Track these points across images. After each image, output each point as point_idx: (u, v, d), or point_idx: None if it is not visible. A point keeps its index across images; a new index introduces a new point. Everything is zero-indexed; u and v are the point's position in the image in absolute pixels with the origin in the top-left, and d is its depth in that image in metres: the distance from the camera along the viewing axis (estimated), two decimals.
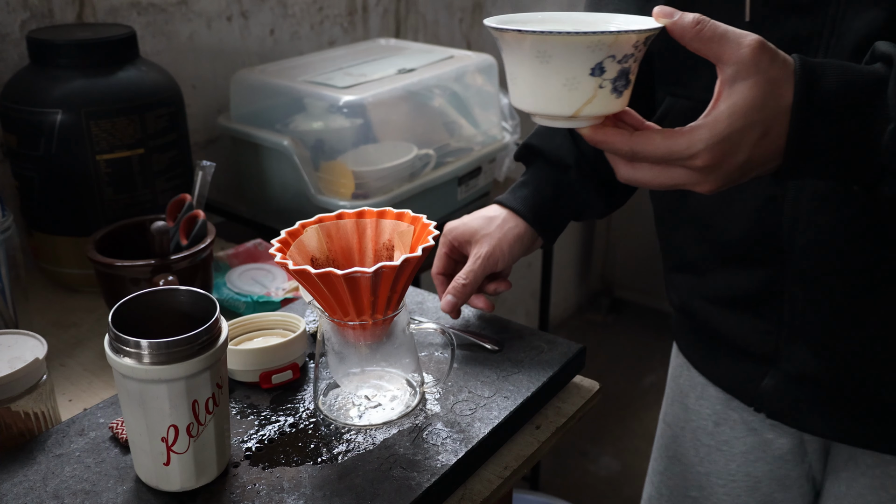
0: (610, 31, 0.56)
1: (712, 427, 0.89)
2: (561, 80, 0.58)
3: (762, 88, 0.56)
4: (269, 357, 0.80)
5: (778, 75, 0.56)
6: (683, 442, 0.93)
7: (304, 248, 0.75)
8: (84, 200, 1.06)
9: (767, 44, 0.56)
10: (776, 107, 0.56)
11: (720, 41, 0.56)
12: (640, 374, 2.52)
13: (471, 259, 0.85)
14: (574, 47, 0.56)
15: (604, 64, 0.57)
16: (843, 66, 0.57)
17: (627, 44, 0.57)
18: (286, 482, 0.68)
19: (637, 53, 0.58)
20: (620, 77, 0.58)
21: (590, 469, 2.17)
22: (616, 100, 0.59)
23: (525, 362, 0.84)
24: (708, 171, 0.58)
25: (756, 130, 0.56)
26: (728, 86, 0.57)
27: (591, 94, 0.58)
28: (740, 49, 0.56)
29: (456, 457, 0.71)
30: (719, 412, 0.88)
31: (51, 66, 1.05)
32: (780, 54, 0.57)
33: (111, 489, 0.67)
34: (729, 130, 0.56)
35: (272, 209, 1.34)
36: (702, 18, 0.57)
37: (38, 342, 0.75)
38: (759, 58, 0.55)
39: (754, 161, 0.58)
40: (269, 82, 1.32)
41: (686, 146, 0.57)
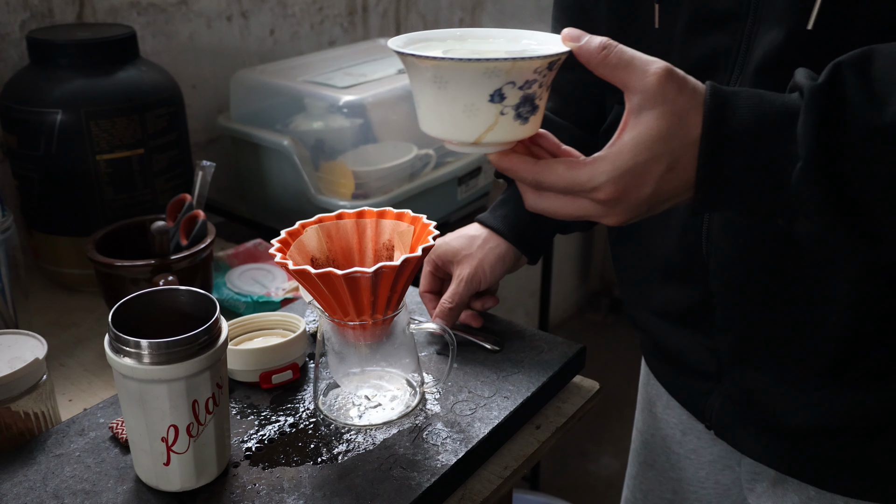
0: (505, 58, 0.54)
1: (680, 436, 0.88)
2: (460, 106, 0.56)
3: (668, 119, 0.53)
4: (269, 357, 0.80)
5: (686, 105, 0.53)
6: (654, 448, 0.92)
7: (304, 248, 0.75)
8: (84, 200, 1.06)
9: (675, 72, 0.53)
10: (684, 138, 0.53)
11: (626, 68, 0.54)
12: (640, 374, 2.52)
13: (454, 281, 0.85)
14: (470, 74, 0.55)
15: (503, 90, 0.55)
16: (758, 97, 0.53)
17: (527, 70, 0.55)
18: (286, 482, 0.68)
19: (543, 79, 0.56)
20: (524, 103, 0.56)
21: (590, 469, 2.17)
22: (522, 126, 0.57)
23: (525, 362, 0.84)
24: (611, 203, 0.55)
25: (662, 163, 0.54)
26: (634, 115, 0.54)
27: (493, 121, 0.56)
28: (646, 77, 0.53)
29: (456, 457, 0.71)
30: (685, 422, 0.87)
31: (51, 66, 1.05)
32: (690, 83, 0.54)
33: (111, 489, 0.67)
34: (632, 163, 0.54)
35: (272, 209, 1.34)
36: (608, 44, 0.54)
37: (38, 342, 0.75)
38: (665, 87, 0.53)
39: (662, 194, 0.55)
40: (269, 82, 1.32)
41: (588, 178, 0.55)
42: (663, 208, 0.57)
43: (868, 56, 0.50)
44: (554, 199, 0.58)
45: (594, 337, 2.75)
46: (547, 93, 0.58)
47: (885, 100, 0.49)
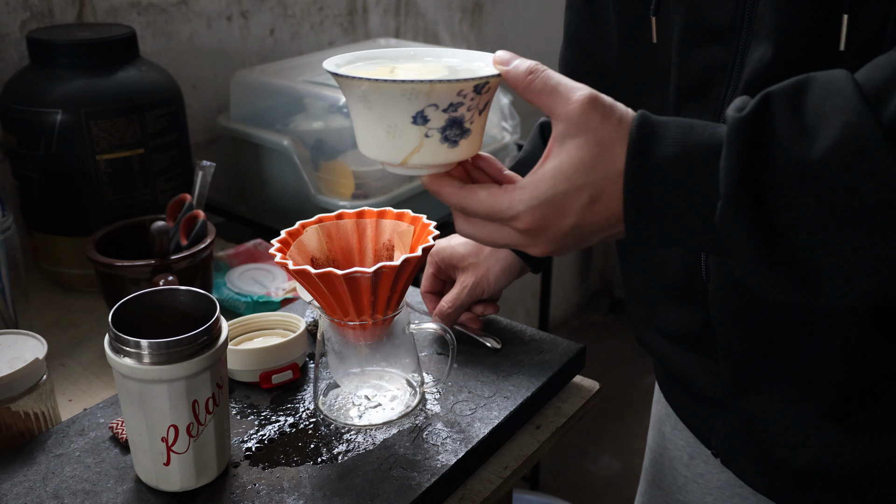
0: (422, 80, 0.53)
1: (687, 459, 0.86)
2: (384, 126, 0.56)
3: (591, 149, 0.51)
4: (269, 357, 0.80)
5: (610, 136, 0.51)
6: (662, 468, 0.91)
7: (304, 248, 0.75)
8: (84, 200, 1.06)
9: (600, 100, 0.52)
10: (607, 169, 0.51)
11: (551, 94, 0.52)
12: (640, 374, 2.52)
13: (457, 286, 0.85)
14: (390, 94, 0.54)
15: (426, 112, 0.54)
16: (688, 128, 0.50)
17: (448, 93, 0.54)
18: (286, 482, 0.68)
19: (471, 102, 0.55)
20: (451, 126, 0.55)
21: (590, 469, 2.17)
22: (451, 150, 0.56)
23: (525, 362, 0.84)
24: (532, 233, 0.54)
25: (583, 194, 0.52)
26: (558, 143, 0.52)
27: (417, 143, 0.56)
28: (569, 105, 0.51)
29: (456, 457, 0.71)
30: (692, 445, 0.85)
31: (51, 66, 1.05)
32: (616, 112, 0.52)
33: (111, 489, 0.67)
34: (551, 193, 0.52)
35: (272, 209, 1.34)
36: (535, 69, 0.53)
37: (38, 342, 0.75)
38: (588, 115, 0.51)
39: (587, 226, 0.53)
40: (269, 82, 1.32)
41: (507, 206, 0.53)
42: (595, 240, 0.55)
43: (803, 85, 0.47)
44: (481, 226, 0.57)
45: (594, 337, 2.75)
46: (482, 116, 0.57)
47: (815, 133, 0.45)
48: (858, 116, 0.44)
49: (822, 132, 0.45)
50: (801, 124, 0.46)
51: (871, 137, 0.43)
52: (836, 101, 0.45)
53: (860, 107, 0.44)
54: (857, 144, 0.44)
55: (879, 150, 0.43)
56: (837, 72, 0.46)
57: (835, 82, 0.46)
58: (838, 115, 0.44)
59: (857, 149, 0.44)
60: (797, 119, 0.46)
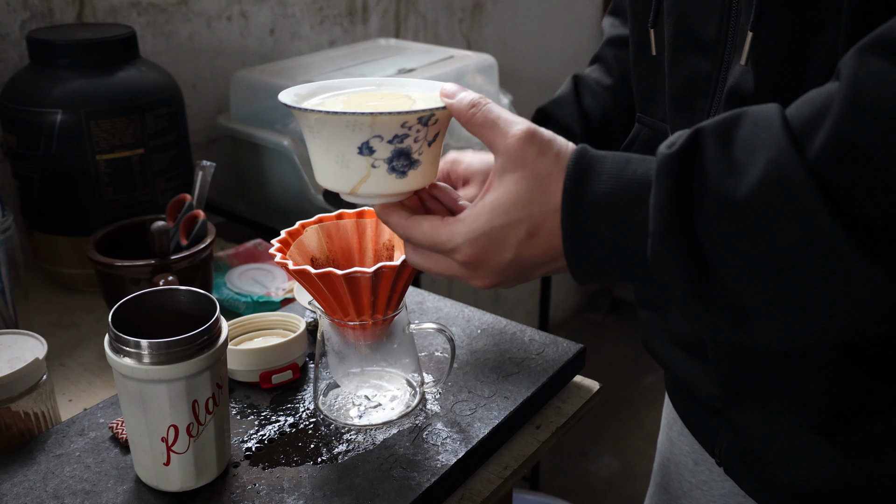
0: (363, 112, 0.54)
1: (692, 465, 0.86)
2: (333, 156, 0.57)
3: (528, 183, 0.51)
4: (269, 357, 0.80)
5: (547, 170, 0.51)
6: (669, 472, 0.91)
7: (304, 248, 0.75)
8: (84, 200, 1.06)
9: (538, 135, 0.52)
10: (544, 204, 0.51)
11: (491, 128, 0.53)
12: (640, 374, 2.52)
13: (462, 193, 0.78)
14: (335, 126, 0.55)
15: (371, 144, 0.55)
16: (624, 163, 0.50)
17: (392, 124, 0.55)
18: (286, 482, 0.68)
19: (418, 133, 0.56)
20: (398, 157, 0.56)
21: (590, 469, 2.17)
22: (399, 180, 0.57)
23: (525, 362, 0.84)
24: (472, 266, 0.54)
25: (520, 228, 0.52)
26: (497, 177, 0.53)
27: (365, 173, 0.57)
28: (507, 139, 0.52)
29: (456, 457, 0.71)
30: (697, 451, 0.85)
31: (51, 66, 1.05)
32: (554, 147, 0.52)
33: (111, 489, 0.67)
34: (488, 227, 0.52)
35: (272, 209, 1.34)
36: (477, 102, 0.54)
37: (38, 342, 0.75)
38: (525, 150, 0.51)
39: (526, 260, 0.53)
40: (269, 82, 1.32)
41: (447, 238, 0.54)
42: (539, 273, 0.55)
43: (734, 120, 0.46)
44: (427, 257, 0.57)
45: (594, 337, 2.75)
46: (433, 147, 0.58)
47: (743, 169, 0.44)
48: (783, 153, 0.43)
49: (749, 168, 0.44)
50: (730, 160, 0.45)
51: (795, 175, 0.42)
52: (764, 137, 0.44)
53: (785, 143, 0.43)
54: (781, 182, 0.43)
55: (803, 188, 0.42)
56: (769, 106, 0.46)
57: (764, 117, 0.45)
58: (764, 150, 0.44)
59: (780, 186, 0.43)
60: (726, 155, 0.45)
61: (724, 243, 0.45)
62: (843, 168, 0.41)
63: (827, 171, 0.42)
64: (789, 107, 0.45)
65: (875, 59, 0.41)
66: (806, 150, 0.43)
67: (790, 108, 0.45)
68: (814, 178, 0.42)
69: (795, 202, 0.42)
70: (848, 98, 0.41)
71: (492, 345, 0.87)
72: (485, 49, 2.03)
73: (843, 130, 0.41)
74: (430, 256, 0.57)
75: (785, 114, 0.44)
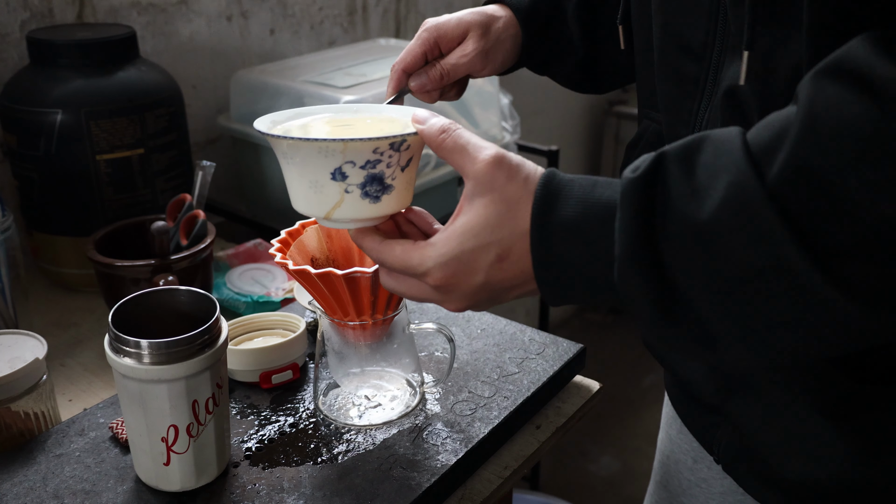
0: (336, 138, 0.55)
1: (691, 463, 0.86)
2: (306, 182, 0.58)
3: (497, 207, 0.52)
4: (269, 357, 0.80)
5: (515, 195, 0.52)
6: (668, 470, 0.91)
7: (304, 248, 0.75)
8: (84, 200, 1.06)
9: (506, 159, 0.53)
10: (514, 228, 0.52)
11: (461, 153, 0.54)
12: (640, 374, 2.52)
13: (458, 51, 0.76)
14: (308, 152, 0.56)
15: (343, 169, 0.56)
16: (591, 187, 0.51)
17: (364, 150, 0.55)
18: (286, 482, 0.68)
19: (390, 159, 0.57)
20: (371, 182, 0.57)
21: (590, 469, 2.17)
22: (373, 205, 0.58)
23: (525, 362, 0.84)
24: (444, 290, 0.55)
25: (490, 252, 0.52)
26: (467, 201, 0.54)
27: (338, 199, 0.58)
28: (476, 164, 0.53)
29: (456, 457, 0.71)
30: (696, 449, 0.85)
31: (51, 66, 1.05)
32: (523, 171, 0.53)
33: (111, 489, 0.67)
34: (459, 250, 0.53)
35: (272, 209, 1.34)
36: (447, 128, 0.55)
37: (38, 342, 0.75)
38: (494, 174, 0.52)
39: (497, 283, 0.53)
40: (269, 82, 1.32)
41: (418, 262, 0.55)
42: (511, 296, 0.55)
43: (697, 144, 0.47)
44: (401, 281, 0.58)
45: (594, 337, 2.75)
46: (406, 172, 0.59)
47: (705, 193, 0.45)
48: (743, 177, 0.43)
49: (711, 192, 0.45)
50: (693, 184, 0.46)
51: (755, 199, 0.43)
52: (725, 161, 0.45)
53: (745, 167, 0.43)
54: (741, 205, 0.43)
55: (762, 211, 0.42)
56: (730, 130, 0.46)
57: (725, 141, 0.46)
58: (725, 174, 0.44)
59: (740, 210, 0.43)
60: (689, 179, 0.46)
61: (689, 266, 0.46)
62: (801, 192, 0.42)
63: (785, 194, 0.42)
64: (751, 130, 0.46)
65: (830, 84, 0.42)
66: (765, 174, 0.43)
67: (751, 132, 0.46)
68: (773, 201, 0.42)
69: (755, 225, 0.43)
70: (805, 123, 0.42)
71: (492, 345, 0.87)
72: None
73: (800, 155, 0.42)
74: (403, 280, 0.58)
75: (746, 138, 0.45)
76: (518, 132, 1.54)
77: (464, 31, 0.76)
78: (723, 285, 0.45)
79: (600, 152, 2.78)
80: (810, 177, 0.41)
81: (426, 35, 0.75)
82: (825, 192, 0.41)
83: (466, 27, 0.76)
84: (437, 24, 0.75)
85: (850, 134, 0.40)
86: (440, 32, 0.76)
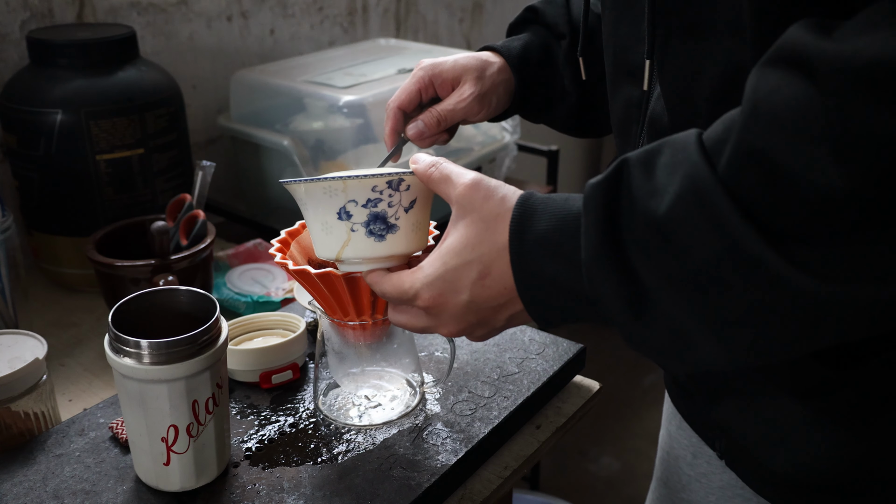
0: (336, 176, 0.58)
1: (691, 458, 0.86)
2: (319, 224, 0.61)
3: (476, 226, 0.55)
4: (269, 357, 0.80)
5: (493, 213, 0.54)
6: (669, 466, 0.91)
7: (304, 248, 0.75)
8: (84, 200, 1.06)
9: (483, 182, 0.56)
10: (493, 244, 0.54)
11: (446, 182, 0.57)
12: (640, 374, 2.52)
13: (454, 96, 0.78)
14: (315, 193, 0.60)
15: (348, 208, 0.59)
16: (563, 201, 0.52)
17: (363, 188, 0.58)
18: (286, 482, 0.68)
19: (390, 198, 0.59)
20: (374, 221, 0.60)
21: (590, 469, 2.17)
22: (378, 244, 0.60)
23: (525, 362, 0.84)
24: (434, 311, 0.57)
25: (472, 269, 0.55)
26: (452, 225, 0.56)
27: (346, 238, 0.60)
28: (457, 189, 0.56)
29: (456, 457, 0.71)
30: (696, 444, 0.85)
31: (51, 66, 1.05)
32: (500, 192, 0.55)
33: (111, 489, 0.67)
34: (443, 269, 0.55)
35: (272, 209, 1.34)
36: (435, 162, 0.58)
37: (38, 342, 0.75)
38: (472, 196, 0.55)
39: (482, 302, 0.55)
40: (269, 82, 1.32)
41: (409, 286, 0.57)
42: (501, 318, 0.57)
43: (658, 148, 0.48)
44: (405, 312, 0.60)
45: (594, 337, 2.75)
46: (412, 214, 0.61)
47: (664, 190, 0.46)
48: (696, 169, 0.44)
49: (669, 188, 0.46)
50: (653, 183, 0.47)
51: (707, 187, 0.44)
52: (681, 158, 0.46)
53: (698, 159, 0.45)
54: (695, 195, 0.44)
55: (715, 199, 0.43)
56: (689, 131, 0.47)
57: (682, 140, 0.47)
58: (681, 169, 0.45)
59: (694, 199, 0.44)
60: (650, 179, 0.47)
61: (652, 263, 0.47)
62: (749, 176, 0.43)
63: (735, 180, 0.43)
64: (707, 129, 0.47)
65: (772, 72, 0.43)
66: (717, 163, 0.44)
67: (707, 130, 0.47)
68: (724, 188, 0.43)
69: (709, 213, 0.44)
70: (748, 109, 0.43)
71: (492, 345, 0.87)
72: None
73: (745, 140, 0.43)
74: (403, 311, 0.60)
75: (701, 135, 0.46)
76: (518, 132, 1.54)
77: (459, 74, 0.78)
78: (685, 279, 0.46)
79: (600, 152, 2.78)
80: (756, 160, 0.42)
81: (422, 74, 0.77)
82: (771, 174, 0.42)
83: (462, 70, 0.78)
84: (434, 65, 0.78)
85: (789, 113, 0.41)
86: (435, 72, 0.78)
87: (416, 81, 0.78)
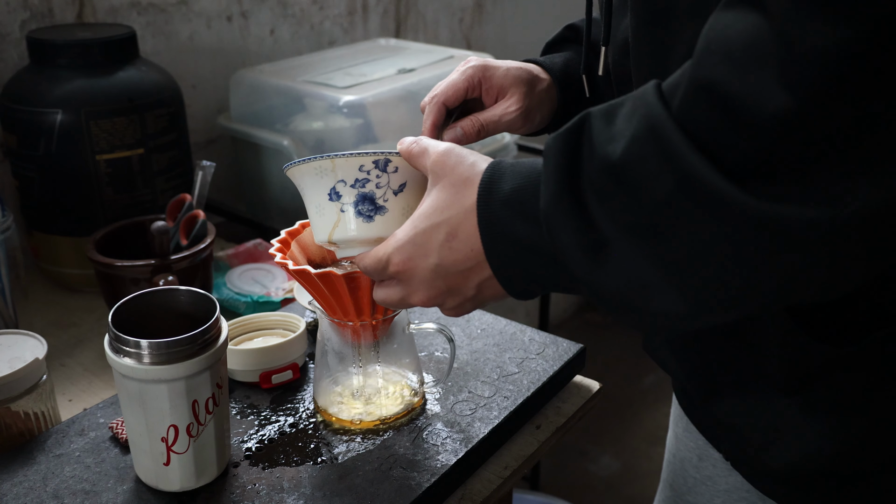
0: (324, 155, 0.59)
1: (697, 461, 0.86)
2: (314, 207, 0.62)
3: (446, 190, 0.56)
4: (269, 357, 0.80)
5: (463, 176, 0.55)
6: (675, 468, 0.91)
7: (304, 248, 0.75)
8: (84, 200, 1.06)
9: (455, 150, 0.57)
10: (461, 206, 0.55)
11: (422, 154, 0.58)
12: (640, 374, 2.52)
13: (500, 107, 0.75)
14: (306, 174, 0.61)
15: (337, 188, 0.60)
16: (531, 162, 0.53)
17: (350, 167, 0.59)
18: (286, 482, 0.68)
19: (378, 179, 0.60)
20: (362, 201, 0.61)
21: (590, 469, 2.17)
22: (366, 224, 0.61)
23: (525, 362, 0.84)
24: (405, 278, 0.58)
25: (440, 231, 0.55)
26: (427, 193, 0.58)
27: (336, 219, 0.61)
28: (431, 157, 0.57)
29: (456, 457, 0.71)
30: (701, 447, 0.85)
31: (51, 66, 1.05)
32: (470, 158, 0.56)
33: (111, 489, 0.67)
34: (413, 233, 0.56)
35: (272, 209, 1.34)
36: (417, 139, 0.60)
37: (38, 342, 0.75)
38: (444, 162, 0.56)
39: (451, 266, 0.55)
40: (269, 82, 1.32)
41: (382, 253, 0.58)
42: (470, 286, 0.56)
43: (621, 101, 0.49)
44: (385, 288, 0.61)
45: (594, 337, 2.75)
46: (401, 198, 0.61)
47: (621, 135, 0.47)
48: (651, 110, 0.45)
49: (626, 132, 0.46)
50: (612, 130, 0.48)
51: (661, 125, 0.44)
52: (638, 104, 0.47)
53: (654, 102, 0.45)
54: (649, 133, 0.45)
55: (669, 135, 0.44)
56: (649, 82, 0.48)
57: (642, 91, 0.47)
58: (638, 114, 0.46)
59: (649, 138, 0.45)
60: (610, 127, 0.48)
61: (611, 209, 0.47)
62: (702, 109, 0.43)
63: (688, 115, 0.44)
64: None
65: (726, 13, 0.43)
66: (671, 104, 0.45)
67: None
68: (677, 123, 0.44)
69: (662, 149, 0.44)
70: (701, 47, 0.44)
71: (492, 345, 0.87)
72: (485, 49, 2.03)
73: (698, 75, 0.43)
74: (387, 287, 0.61)
75: (660, 84, 0.47)
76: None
77: (509, 84, 0.75)
78: (643, 222, 0.46)
79: None
80: (708, 92, 0.43)
81: (472, 72, 0.74)
82: (722, 104, 0.42)
83: (513, 81, 0.75)
84: (486, 67, 0.74)
85: (739, 44, 0.42)
86: (486, 75, 0.74)
87: (466, 79, 0.74)
